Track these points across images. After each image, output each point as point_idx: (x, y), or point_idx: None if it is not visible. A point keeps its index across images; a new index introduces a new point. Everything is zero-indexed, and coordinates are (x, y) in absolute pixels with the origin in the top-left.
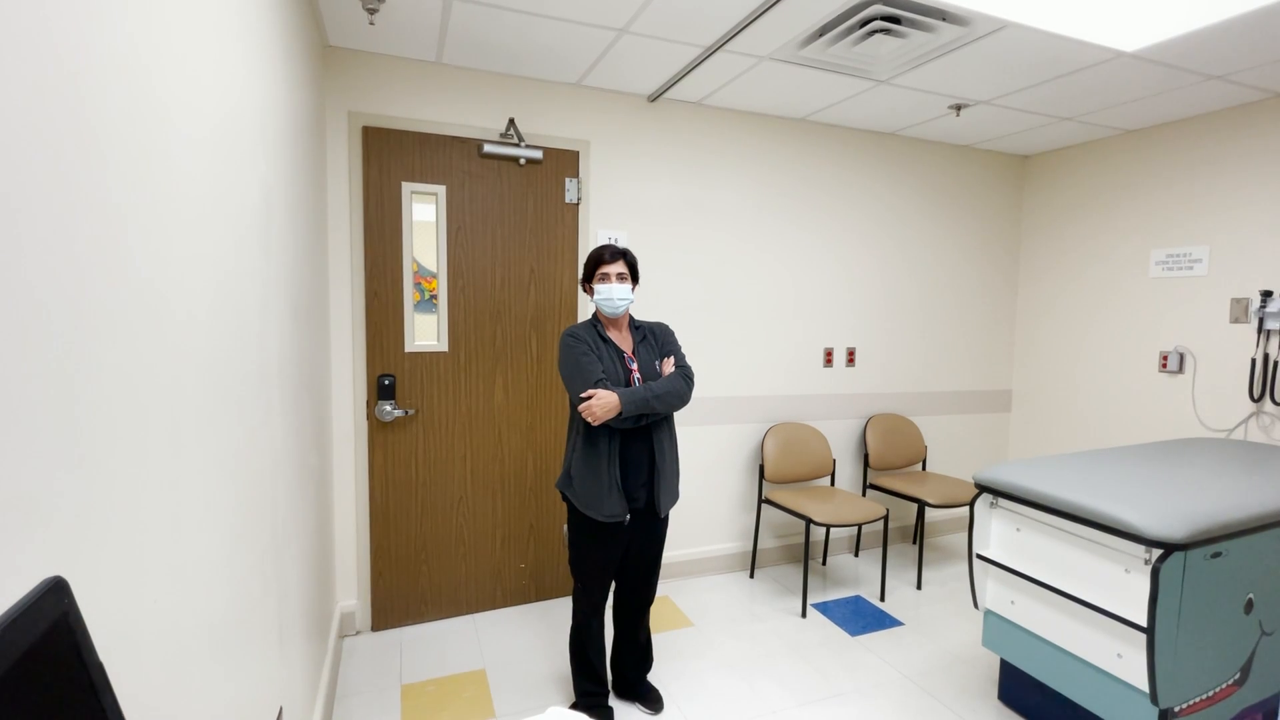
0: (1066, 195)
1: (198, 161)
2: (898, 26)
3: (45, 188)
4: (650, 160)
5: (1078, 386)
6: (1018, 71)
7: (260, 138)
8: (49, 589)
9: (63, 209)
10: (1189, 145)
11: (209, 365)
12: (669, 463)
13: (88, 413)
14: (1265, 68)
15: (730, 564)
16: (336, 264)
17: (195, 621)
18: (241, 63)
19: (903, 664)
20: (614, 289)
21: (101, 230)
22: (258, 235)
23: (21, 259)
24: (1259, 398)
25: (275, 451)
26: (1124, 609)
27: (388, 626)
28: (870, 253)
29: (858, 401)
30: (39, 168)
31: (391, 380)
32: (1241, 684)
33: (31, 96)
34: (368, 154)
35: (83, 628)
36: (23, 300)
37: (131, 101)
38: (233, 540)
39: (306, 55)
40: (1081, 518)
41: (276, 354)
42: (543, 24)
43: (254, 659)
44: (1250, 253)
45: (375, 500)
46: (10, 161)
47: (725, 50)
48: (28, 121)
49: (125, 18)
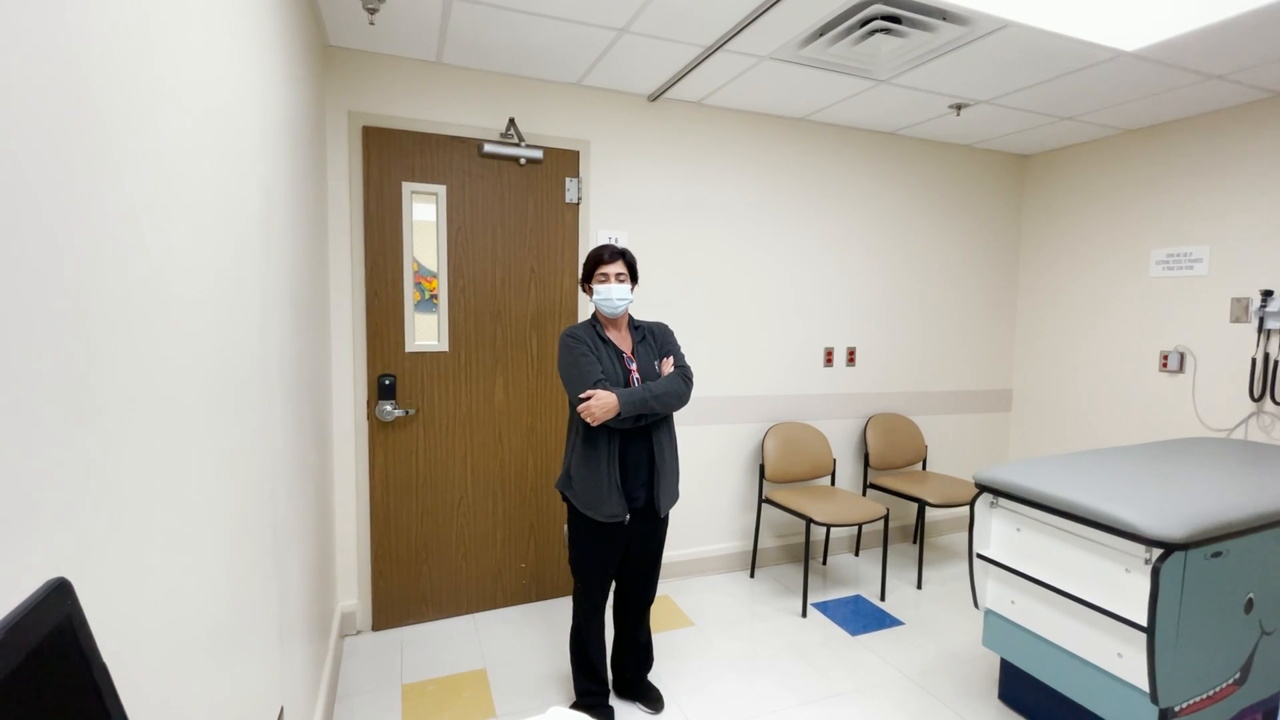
0: (1067, 195)
1: (196, 162)
2: (898, 26)
3: (38, 188)
4: (651, 160)
5: (1078, 386)
6: (1018, 71)
7: (260, 138)
8: (53, 590)
9: (58, 210)
10: (1189, 145)
11: (209, 366)
12: (668, 462)
13: (90, 414)
14: (1266, 67)
15: (731, 563)
16: (337, 264)
17: (197, 621)
18: (240, 62)
19: (903, 663)
20: (613, 289)
21: (100, 231)
22: (257, 235)
23: (20, 262)
24: (1259, 397)
25: (276, 451)
26: (1124, 609)
27: (388, 626)
28: (871, 252)
29: (858, 401)
30: (31, 167)
31: (392, 380)
32: (1241, 683)
33: (25, 93)
34: (368, 154)
35: (86, 629)
36: (23, 302)
37: (128, 101)
38: (234, 540)
39: (306, 55)
40: (1082, 517)
41: (277, 354)
42: (543, 24)
43: (255, 659)
44: (1251, 252)
45: (376, 500)
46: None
47: (725, 50)
48: (20, 119)
49: (123, 14)
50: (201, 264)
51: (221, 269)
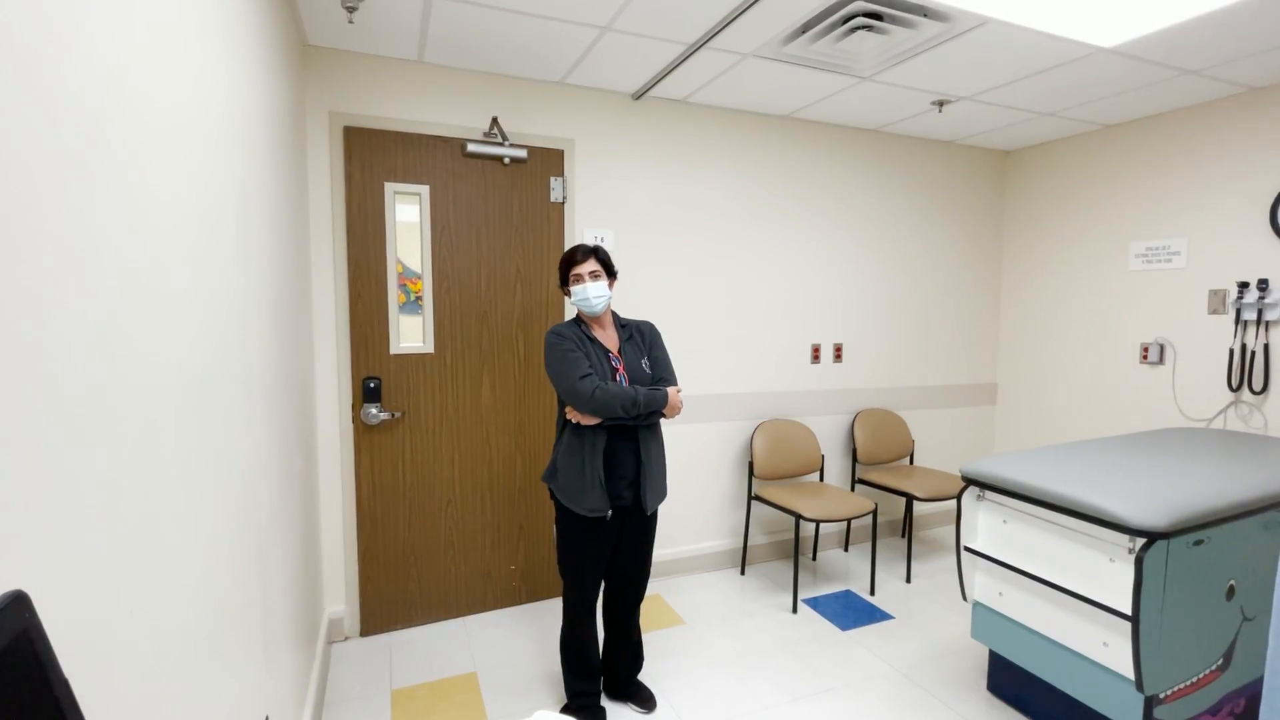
0: (1047, 190)
1: (171, 162)
2: (879, 23)
3: (7, 189)
4: (635, 158)
5: (1061, 378)
6: (998, 67)
7: (238, 138)
8: (9, 603)
9: (24, 212)
10: (1166, 139)
11: (187, 369)
12: (655, 460)
13: (55, 420)
14: (1238, 62)
15: (721, 561)
16: (319, 266)
17: (175, 632)
18: (216, 61)
19: (893, 657)
20: (589, 288)
21: (68, 233)
22: (235, 237)
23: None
24: (1237, 387)
25: (258, 457)
26: (1109, 598)
27: (377, 631)
28: (856, 248)
29: (845, 397)
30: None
31: (377, 383)
32: (1225, 669)
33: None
34: (349, 154)
35: (45, 643)
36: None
37: (99, 100)
38: (214, 547)
39: (285, 54)
40: (1066, 508)
41: (258, 358)
42: (525, 22)
43: (238, 668)
44: (1227, 244)
45: (362, 504)
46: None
47: (708, 48)
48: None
49: (88, 11)
50: (176, 267)
51: (198, 271)
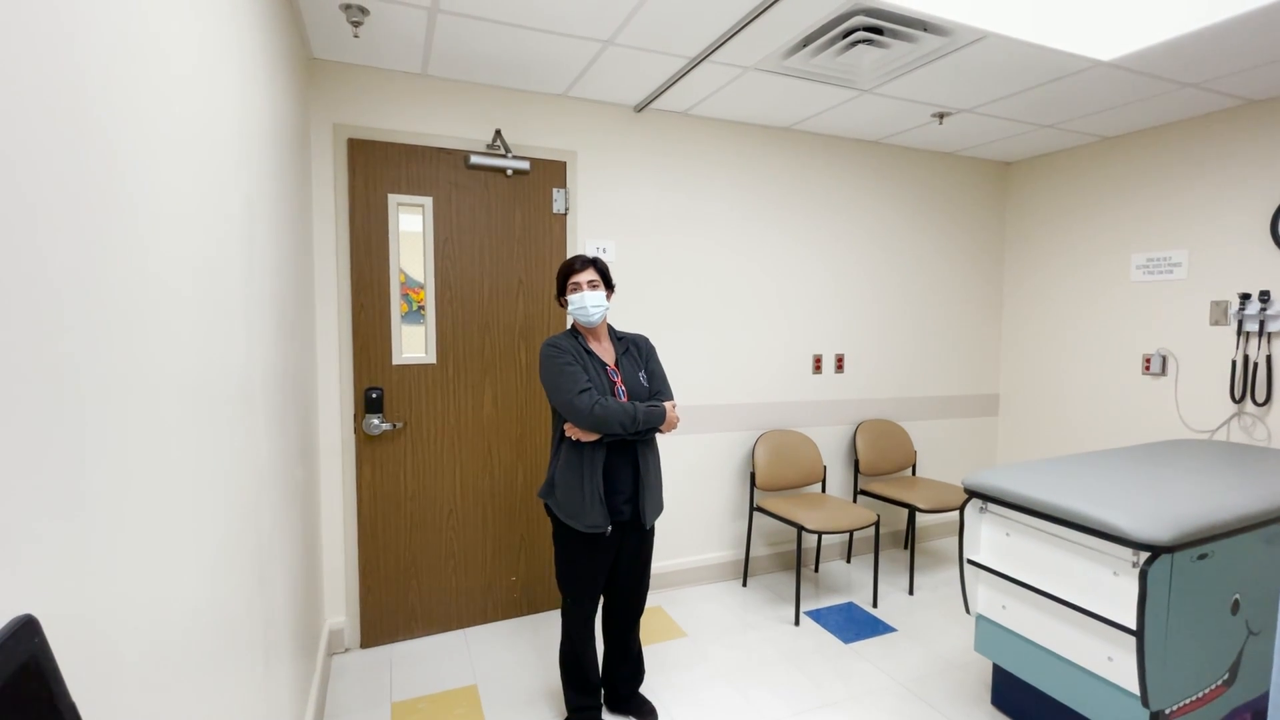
0: (1048, 201)
1: (176, 174)
2: (880, 37)
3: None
4: (637, 170)
5: (1063, 389)
6: (998, 80)
7: (242, 150)
8: (19, 628)
9: (28, 222)
10: (1166, 151)
11: (189, 377)
12: (653, 474)
13: (62, 433)
14: (1237, 75)
15: (722, 573)
16: (322, 277)
17: (177, 646)
18: (222, 74)
19: (896, 670)
20: (586, 297)
21: (71, 245)
22: (240, 248)
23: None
24: (1240, 399)
25: (260, 468)
26: (1113, 612)
27: (377, 643)
28: (857, 259)
29: (847, 408)
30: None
31: (379, 393)
32: (1230, 684)
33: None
34: (353, 166)
35: (54, 668)
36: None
37: (106, 110)
38: (216, 560)
39: (290, 67)
40: (1070, 521)
41: (261, 368)
42: (528, 36)
43: (239, 681)
44: (1228, 256)
45: (363, 515)
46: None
47: (710, 61)
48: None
49: (95, 23)
50: (180, 278)
51: (202, 283)
